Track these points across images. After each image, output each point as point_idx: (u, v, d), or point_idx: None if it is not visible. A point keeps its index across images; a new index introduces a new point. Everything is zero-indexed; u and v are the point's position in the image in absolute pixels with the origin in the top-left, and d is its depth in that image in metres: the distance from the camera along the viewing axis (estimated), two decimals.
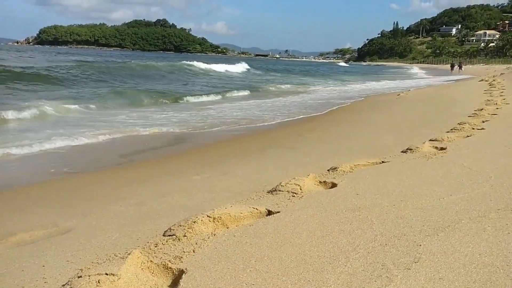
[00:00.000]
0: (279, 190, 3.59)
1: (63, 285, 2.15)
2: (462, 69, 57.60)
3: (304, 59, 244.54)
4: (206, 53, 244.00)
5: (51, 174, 5.97)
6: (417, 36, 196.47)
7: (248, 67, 44.24)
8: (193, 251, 2.41)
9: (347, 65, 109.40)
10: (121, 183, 5.41)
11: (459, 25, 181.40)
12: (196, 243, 2.52)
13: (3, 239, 3.36)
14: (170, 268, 2.25)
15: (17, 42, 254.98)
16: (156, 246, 2.54)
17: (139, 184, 5.24)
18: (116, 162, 6.78)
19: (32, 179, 5.67)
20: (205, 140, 8.85)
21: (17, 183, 5.49)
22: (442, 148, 5.17)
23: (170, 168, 6.25)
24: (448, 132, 6.69)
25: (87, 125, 9.94)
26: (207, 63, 40.48)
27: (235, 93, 20.84)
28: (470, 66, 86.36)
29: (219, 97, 18.97)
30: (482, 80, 26.59)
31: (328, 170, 4.36)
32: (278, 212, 3.04)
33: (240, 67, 42.83)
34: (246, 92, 21.68)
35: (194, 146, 8.22)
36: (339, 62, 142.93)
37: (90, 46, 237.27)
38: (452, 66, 60.33)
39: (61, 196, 4.93)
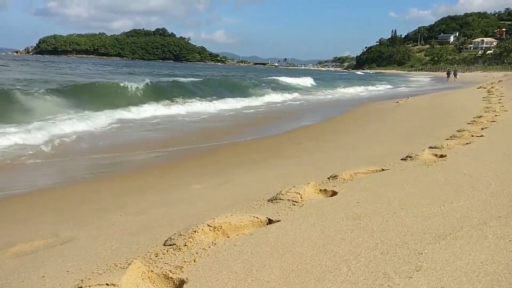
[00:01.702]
0: (280, 199, 3.58)
1: None
2: (457, 76, 58.33)
3: (303, 67, 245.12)
4: (205, 61, 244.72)
5: (50, 182, 5.96)
6: (415, 43, 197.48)
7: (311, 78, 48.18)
8: (194, 261, 2.40)
9: (362, 73, 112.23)
10: (120, 192, 5.41)
11: (457, 33, 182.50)
12: (196, 253, 2.51)
13: (3, 250, 3.34)
14: (171, 278, 2.24)
15: (17, 52, 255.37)
16: (156, 256, 2.54)
17: (139, 193, 5.23)
18: (116, 170, 6.78)
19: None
20: (208, 148, 8.85)
21: None
22: (441, 156, 5.17)
23: (170, 177, 6.25)
24: (447, 139, 6.69)
25: None
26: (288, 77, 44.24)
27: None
28: (468, 73, 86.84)
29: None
30: (480, 87, 26.67)
31: (328, 178, 4.35)
32: (279, 220, 3.03)
33: (309, 80, 46.01)
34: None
35: (194, 155, 8.22)
36: (356, 71, 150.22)
37: (89, 55, 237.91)
38: (448, 74, 60.80)
39: (60, 205, 4.92)
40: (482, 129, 7.76)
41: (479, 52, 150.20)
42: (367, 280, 2.09)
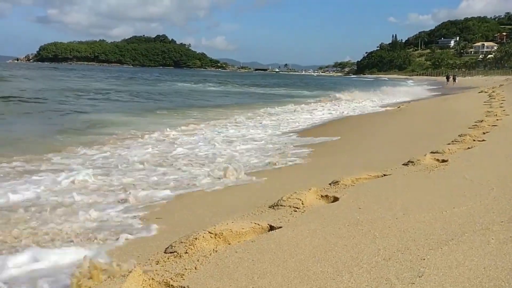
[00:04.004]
0: (281, 205, 3.57)
1: None
2: (456, 81, 59.90)
3: (303, 72, 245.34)
4: (205, 68, 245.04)
5: None
6: (415, 48, 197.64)
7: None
8: (195, 268, 2.39)
9: (387, 79, 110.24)
10: None
11: (457, 37, 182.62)
12: (197, 260, 2.50)
13: None
14: (172, 285, 2.23)
15: (17, 59, 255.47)
16: (157, 264, 2.52)
17: None
18: None
19: None
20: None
21: None
22: (443, 160, 5.15)
23: None
24: (449, 144, 6.67)
25: None
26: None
27: None
28: (469, 77, 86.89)
29: None
30: (481, 91, 26.64)
31: (330, 184, 4.34)
32: (280, 227, 3.02)
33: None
34: None
35: None
36: (381, 77, 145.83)
37: (90, 63, 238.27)
38: (447, 78, 62.52)
39: None
40: (484, 133, 7.74)
41: (480, 56, 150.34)
42: (369, 286, 2.07)
